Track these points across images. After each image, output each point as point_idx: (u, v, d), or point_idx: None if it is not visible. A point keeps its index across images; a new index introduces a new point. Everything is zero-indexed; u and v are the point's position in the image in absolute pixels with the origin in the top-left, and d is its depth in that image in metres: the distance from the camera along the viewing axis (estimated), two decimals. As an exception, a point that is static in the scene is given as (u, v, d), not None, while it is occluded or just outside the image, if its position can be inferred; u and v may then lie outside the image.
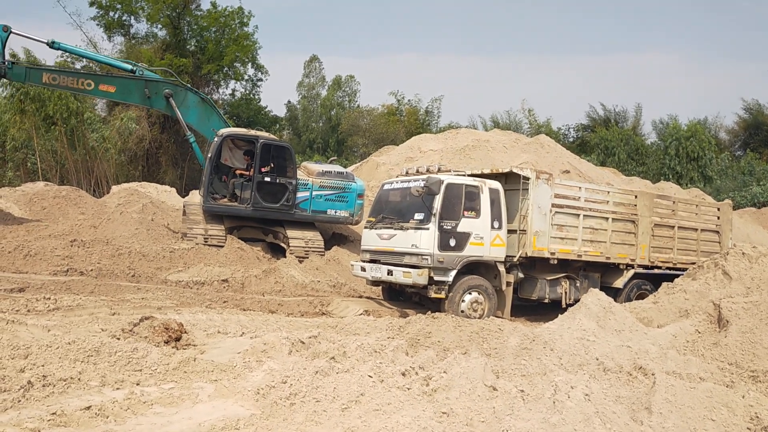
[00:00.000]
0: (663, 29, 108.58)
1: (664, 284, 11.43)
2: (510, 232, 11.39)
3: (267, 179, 15.26)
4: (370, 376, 5.68)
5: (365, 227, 12.15)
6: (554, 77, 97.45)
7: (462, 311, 10.73)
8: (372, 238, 11.70)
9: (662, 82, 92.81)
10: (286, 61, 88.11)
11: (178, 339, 7.12)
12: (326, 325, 9.31)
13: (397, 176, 12.88)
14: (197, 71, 36.82)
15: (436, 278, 10.59)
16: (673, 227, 13.27)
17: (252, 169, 15.31)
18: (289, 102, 49.12)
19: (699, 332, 8.45)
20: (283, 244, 15.86)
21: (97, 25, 37.45)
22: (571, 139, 43.22)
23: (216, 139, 15.47)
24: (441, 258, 10.56)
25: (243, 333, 8.19)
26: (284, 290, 12.75)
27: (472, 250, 10.87)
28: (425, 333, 8.15)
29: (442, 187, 10.70)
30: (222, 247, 14.88)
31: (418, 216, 10.76)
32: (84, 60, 29.17)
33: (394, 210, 11.56)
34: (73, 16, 63.86)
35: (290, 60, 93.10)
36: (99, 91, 15.74)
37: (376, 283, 12.10)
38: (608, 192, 12.81)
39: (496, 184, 11.36)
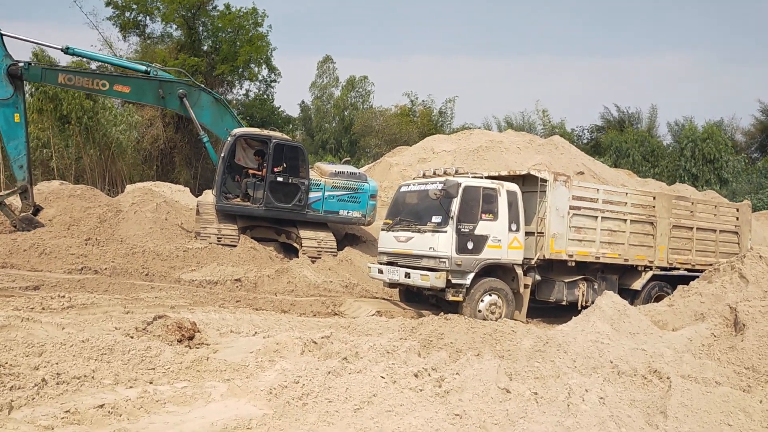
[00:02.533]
0: (678, 31, 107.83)
1: (680, 287, 11.34)
2: (527, 234, 11.31)
3: (279, 179, 15.29)
4: (382, 377, 5.66)
5: (382, 229, 12.08)
6: (569, 79, 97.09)
7: (479, 311, 10.71)
8: (389, 241, 11.65)
9: (678, 83, 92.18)
10: (300, 61, 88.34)
11: (191, 338, 7.13)
12: (338, 326, 9.30)
13: (413, 178, 12.80)
14: (211, 71, 37.03)
15: (453, 281, 10.53)
16: (691, 228, 13.17)
17: (264, 169, 15.35)
18: (302, 102, 49.30)
19: (715, 336, 8.35)
20: (295, 244, 15.87)
21: (113, 24, 37.71)
22: (585, 141, 42.99)
23: (229, 138, 15.56)
24: (459, 261, 10.50)
25: (256, 332, 8.19)
26: (297, 290, 12.76)
27: (489, 253, 10.80)
28: (438, 334, 8.12)
29: (460, 190, 10.65)
30: (235, 246, 14.90)
31: (436, 219, 10.70)
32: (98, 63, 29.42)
33: (411, 212, 11.49)
34: (89, 17, 64.29)
35: (304, 60, 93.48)
36: (114, 91, 15.87)
37: (392, 285, 12.04)
38: (626, 193, 12.75)
39: (513, 187, 11.29)
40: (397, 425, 4.79)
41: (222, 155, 15.57)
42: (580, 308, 11.25)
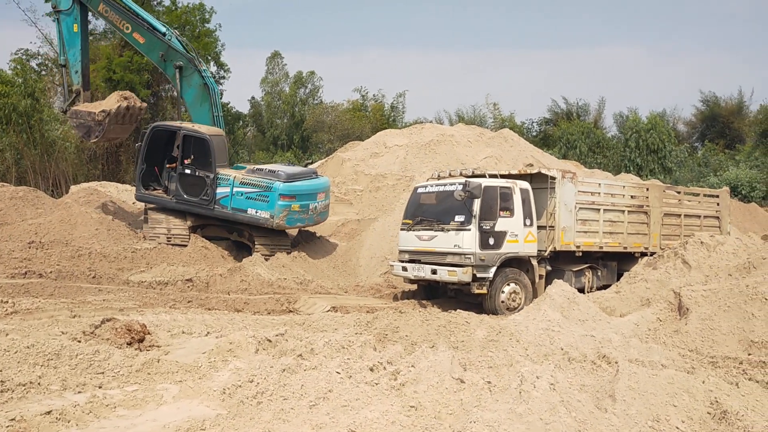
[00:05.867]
0: (623, 23, 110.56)
1: (626, 274, 11.73)
2: (538, 228, 11.98)
3: (187, 171, 15.21)
4: (337, 373, 5.66)
5: (401, 228, 12.51)
6: (518, 72, 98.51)
7: (502, 302, 11.37)
8: (410, 240, 12.12)
9: (622, 75, 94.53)
10: (250, 56, 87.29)
11: (141, 340, 6.99)
12: (293, 323, 9.25)
13: (427, 180, 13.49)
14: (157, 68, 36.19)
15: (478, 275, 11.11)
16: (679, 216, 14.18)
17: (177, 161, 15.45)
18: (252, 98, 48.64)
19: (660, 320, 8.63)
20: (248, 242, 15.69)
21: (54, 21, 36.42)
22: (534, 133, 43.69)
23: (148, 130, 15.91)
24: (482, 256, 11.12)
25: (208, 333, 8.09)
26: (250, 288, 12.61)
27: (508, 248, 11.46)
28: (393, 328, 8.16)
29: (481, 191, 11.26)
30: (185, 246, 14.65)
31: (459, 218, 11.28)
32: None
33: (431, 212, 12.04)
34: (27, 13, 62.07)
35: (254, 55, 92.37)
36: (132, 37, 16.68)
37: (414, 281, 12.55)
38: (623, 187, 13.74)
39: (525, 185, 11.94)
40: (353, 419, 4.80)
41: (138, 145, 15.90)
42: (586, 294, 11.79)
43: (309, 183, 15.79)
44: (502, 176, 12.35)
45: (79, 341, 6.58)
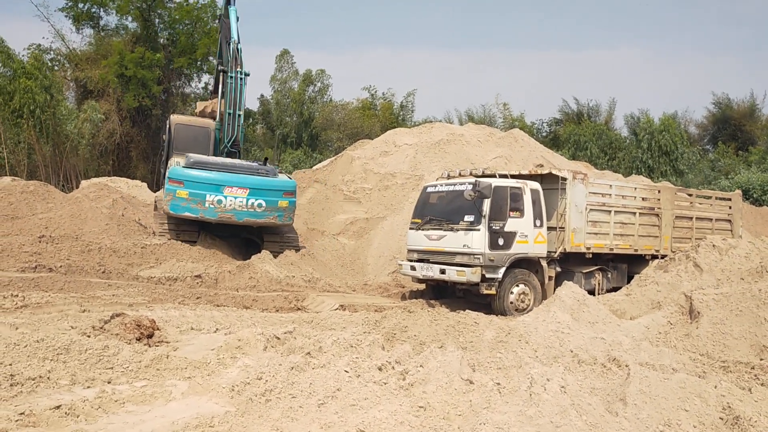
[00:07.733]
0: (633, 25, 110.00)
1: (636, 276, 11.67)
2: (549, 229, 11.93)
3: (164, 158, 16.53)
4: (346, 371, 5.64)
5: (410, 228, 12.48)
6: (529, 72, 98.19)
7: (511, 303, 11.33)
8: (419, 239, 12.11)
9: (634, 77, 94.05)
10: (258, 54, 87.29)
11: (150, 336, 7.00)
12: (302, 321, 9.24)
13: (437, 179, 13.49)
14: (169, 64, 36.36)
15: (487, 275, 11.07)
16: (691, 218, 14.13)
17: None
18: (262, 96, 48.65)
19: (671, 324, 8.57)
20: (257, 239, 15.71)
21: (66, 16, 36.68)
22: (544, 134, 43.49)
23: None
24: (492, 257, 11.09)
25: (217, 329, 8.09)
26: (259, 285, 12.62)
27: (518, 248, 11.41)
28: (401, 327, 8.13)
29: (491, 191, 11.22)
30: (195, 242, 14.67)
31: (469, 218, 11.24)
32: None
33: (441, 212, 12.01)
34: (40, 8, 62.52)
35: (262, 54, 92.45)
36: (220, 46, 18.98)
37: (422, 281, 12.54)
38: (635, 188, 13.67)
39: (536, 185, 11.89)
40: (362, 419, 4.77)
41: (162, 135, 17.58)
42: (596, 296, 11.66)
43: (213, 174, 14.19)
44: (513, 176, 12.29)
45: (89, 336, 6.59)
